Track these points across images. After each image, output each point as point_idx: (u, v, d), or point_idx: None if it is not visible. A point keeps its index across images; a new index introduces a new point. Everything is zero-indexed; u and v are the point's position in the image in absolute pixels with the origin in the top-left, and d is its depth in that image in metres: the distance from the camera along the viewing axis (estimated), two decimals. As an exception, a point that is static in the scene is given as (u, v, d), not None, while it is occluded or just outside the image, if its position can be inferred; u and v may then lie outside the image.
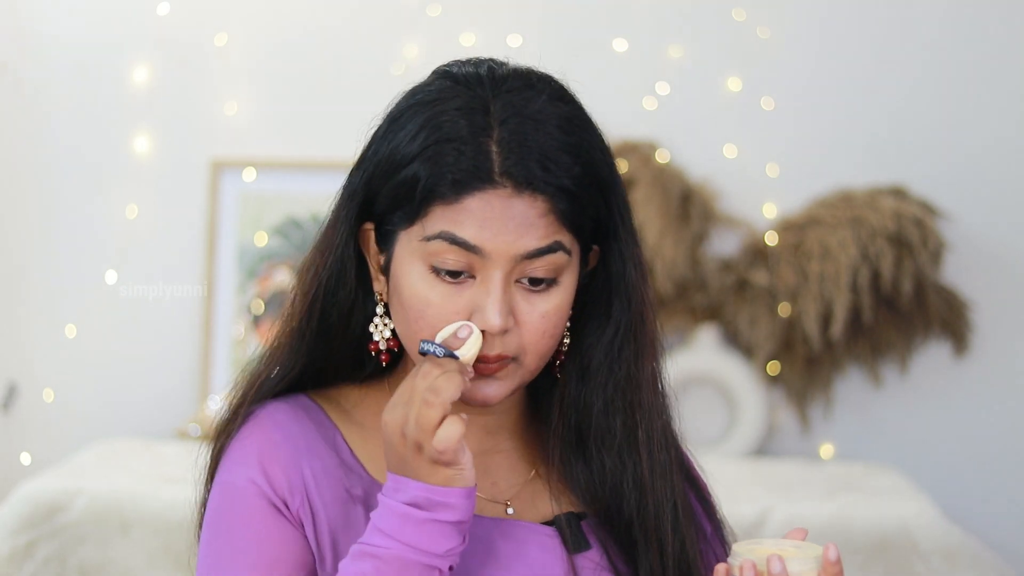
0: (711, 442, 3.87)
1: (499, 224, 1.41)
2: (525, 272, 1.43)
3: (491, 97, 1.44)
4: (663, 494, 1.51)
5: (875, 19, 3.92)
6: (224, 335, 3.94)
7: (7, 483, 3.80)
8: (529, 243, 1.42)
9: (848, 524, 3.24)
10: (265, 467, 1.46)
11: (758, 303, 3.84)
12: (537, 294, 1.44)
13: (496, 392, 1.45)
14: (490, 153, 1.41)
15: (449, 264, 1.42)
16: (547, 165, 1.41)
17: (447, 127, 1.42)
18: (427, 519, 1.36)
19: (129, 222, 3.96)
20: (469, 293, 1.43)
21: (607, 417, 1.51)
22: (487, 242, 1.41)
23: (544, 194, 1.41)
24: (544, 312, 1.44)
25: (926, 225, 3.74)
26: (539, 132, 1.42)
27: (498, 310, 1.41)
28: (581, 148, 1.44)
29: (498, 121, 1.42)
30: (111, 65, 3.97)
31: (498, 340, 1.43)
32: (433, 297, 1.43)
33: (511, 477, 1.54)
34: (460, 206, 1.41)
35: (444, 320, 1.43)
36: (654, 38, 3.95)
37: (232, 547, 1.43)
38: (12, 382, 3.99)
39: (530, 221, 1.41)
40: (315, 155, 3.87)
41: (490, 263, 1.42)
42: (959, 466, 3.91)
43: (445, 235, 1.41)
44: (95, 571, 3.21)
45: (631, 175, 3.83)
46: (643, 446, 1.51)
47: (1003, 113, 3.92)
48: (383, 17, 3.97)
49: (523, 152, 1.41)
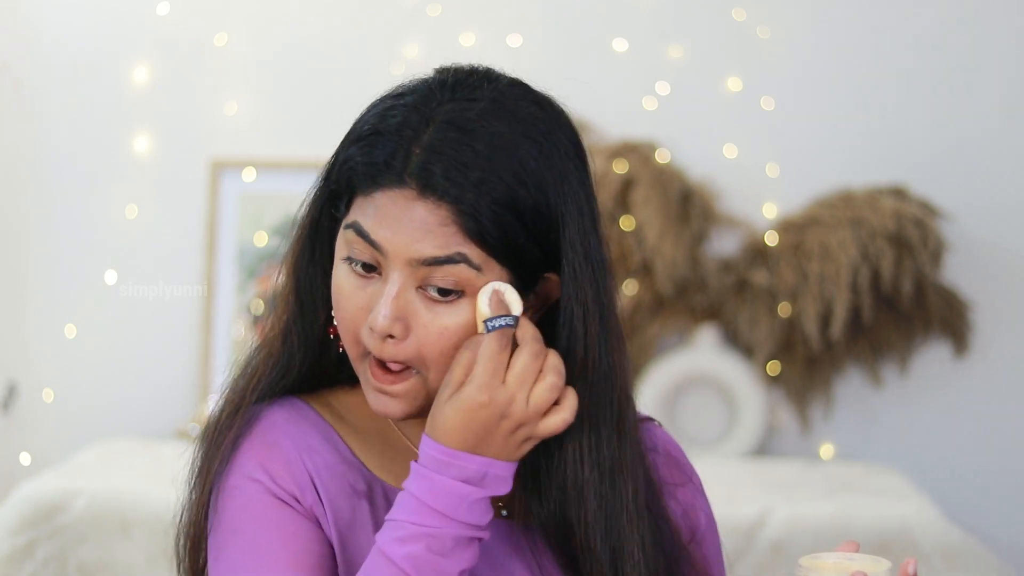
0: (711, 442, 3.87)
1: (398, 224, 1.39)
2: (428, 280, 1.40)
3: (443, 101, 1.42)
4: (633, 485, 1.46)
5: (875, 19, 3.92)
6: (224, 335, 3.94)
7: (7, 483, 3.80)
8: (425, 249, 1.39)
9: (848, 524, 3.24)
10: (269, 468, 1.45)
11: (758, 303, 3.84)
12: (442, 305, 1.40)
13: (397, 408, 1.43)
14: (410, 154, 1.39)
15: (358, 255, 1.41)
16: (452, 175, 1.38)
17: (388, 120, 1.42)
18: (482, 496, 1.37)
19: (129, 222, 3.96)
20: (372, 289, 1.42)
21: (585, 411, 1.45)
22: (386, 240, 1.39)
23: (445, 203, 1.38)
24: (446, 325, 1.40)
25: (926, 225, 3.74)
26: (461, 143, 1.39)
27: (385, 311, 1.39)
28: (499, 169, 1.39)
29: (434, 126, 1.40)
30: (111, 65, 3.97)
31: (389, 346, 1.41)
32: (345, 286, 1.42)
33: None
34: (371, 200, 1.40)
35: (351, 311, 1.42)
36: (654, 38, 3.95)
37: (254, 547, 1.42)
38: (12, 382, 3.99)
39: (429, 227, 1.39)
40: (315, 155, 3.84)
41: (390, 263, 1.40)
42: (959, 466, 3.91)
43: (355, 225, 1.41)
44: (95, 571, 3.21)
45: (631, 175, 3.83)
46: (614, 438, 1.46)
47: (1003, 113, 3.92)
48: (383, 17, 3.97)
49: (436, 158, 1.39)
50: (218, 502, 1.46)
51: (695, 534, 1.57)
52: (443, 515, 1.36)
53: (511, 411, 1.36)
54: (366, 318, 1.42)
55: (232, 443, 1.47)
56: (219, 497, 1.46)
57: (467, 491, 1.36)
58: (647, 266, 3.83)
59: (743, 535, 3.22)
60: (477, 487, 1.36)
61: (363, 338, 1.42)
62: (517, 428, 1.37)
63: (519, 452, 1.38)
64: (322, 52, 3.97)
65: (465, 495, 1.36)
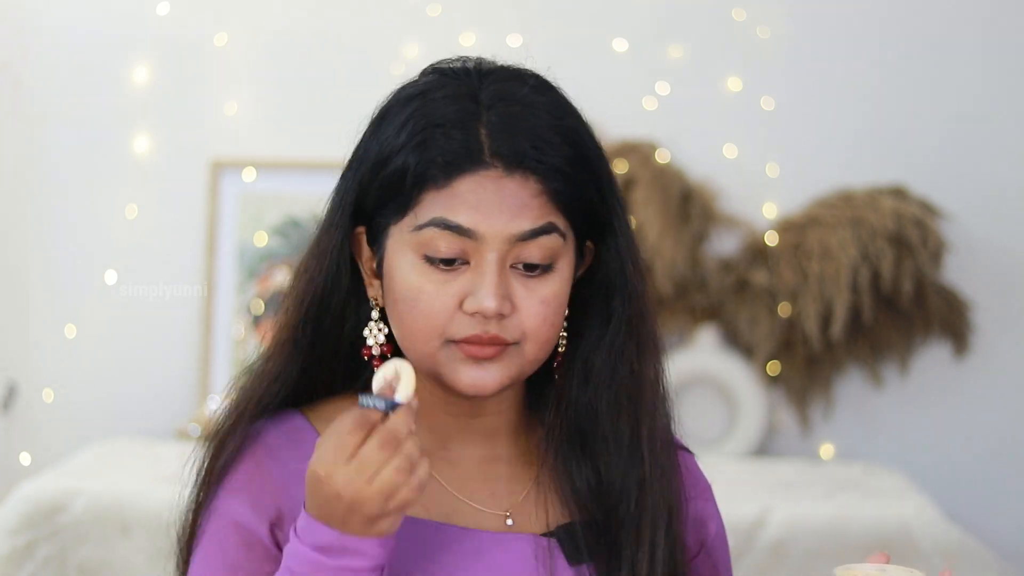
0: (711, 442, 3.87)
1: (491, 206, 1.39)
2: (520, 257, 1.41)
3: (479, 86, 1.43)
4: (661, 496, 1.48)
5: (875, 19, 3.92)
6: (224, 335, 3.94)
7: (7, 483, 3.80)
8: (523, 224, 1.40)
9: (848, 524, 3.24)
10: (253, 494, 1.45)
11: (758, 303, 3.84)
12: (534, 279, 1.42)
13: (492, 379, 1.43)
14: (479, 136, 1.40)
15: (442, 251, 1.40)
16: (537, 144, 1.41)
17: (435, 114, 1.41)
18: (340, 567, 1.33)
19: (129, 222, 3.96)
20: (462, 280, 1.41)
21: (612, 419, 1.49)
22: (480, 224, 1.39)
23: (536, 174, 1.40)
24: (543, 298, 1.42)
25: (926, 225, 3.74)
26: (528, 114, 1.42)
27: (493, 292, 1.40)
28: (571, 131, 1.43)
29: (486, 107, 1.42)
30: (111, 65, 3.97)
31: (494, 324, 1.41)
32: (426, 286, 1.41)
33: (511, 486, 1.51)
34: (451, 190, 1.40)
35: (437, 309, 1.41)
36: (654, 38, 3.95)
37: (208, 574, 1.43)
38: (12, 382, 3.99)
39: (522, 202, 1.40)
40: (315, 155, 3.86)
41: (484, 247, 1.40)
42: (959, 466, 3.91)
43: (437, 221, 1.40)
44: (95, 571, 3.21)
45: (631, 175, 3.83)
46: (647, 447, 1.49)
47: (1003, 113, 3.91)
48: (383, 17, 3.97)
49: (513, 132, 1.40)
50: (202, 517, 1.47)
51: (704, 544, 1.57)
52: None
53: (346, 493, 1.32)
54: (454, 313, 1.41)
55: (231, 458, 1.47)
56: (204, 513, 1.47)
57: (320, 561, 1.33)
58: (647, 266, 3.82)
59: (743, 535, 3.22)
60: (334, 558, 1.33)
61: (452, 328, 1.42)
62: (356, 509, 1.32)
63: (375, 529, 1.33)
64: (322, 52, 3.97)
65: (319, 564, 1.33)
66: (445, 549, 1.45)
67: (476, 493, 1.49)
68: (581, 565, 1.47)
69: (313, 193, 3.79)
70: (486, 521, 1.48)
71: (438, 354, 1.43)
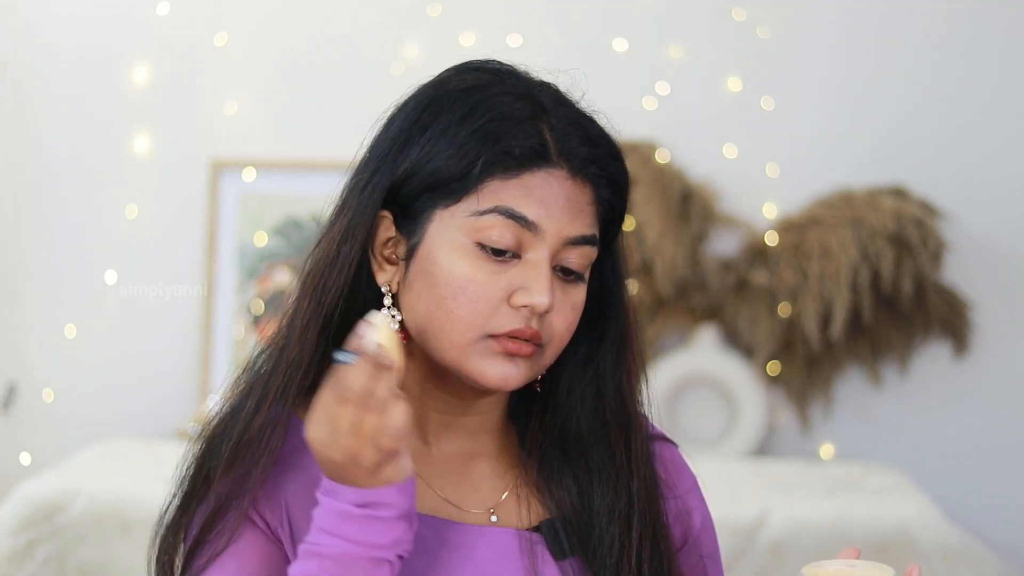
0: (711, 442, 3.87)
1: (556, 204, 1.42)
2: (562, 260, 1.44)
3: (533, 85, 1.46)
4: (645, 497, 1.50)
5: (875, 19, 3.92)
6: (224, 335, 3.94)
7: (7, 483, 3.80)
8: (578, 228, 1.43)
9: (848, 524, 3.24)
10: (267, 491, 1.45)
11: (758, 303, 3.84)
12: (569, 284, 1.45)
13: (519, 375, 1.43)
14: (544, 134, 1.43)
15: (497, 240, 1.41)
16: (596, 154, 1.45)
17: (501, 108, 1.43)
18: (366, 516, 1.34)
19: (129, 222, 3.96)
20: (512, 273, 1.42)
21: (595, 427, 1.51)
22: (543, 219, 1.41)
23: (592, 183, 1.44)
24: (574, 304, 1.45)
25: (926, 225, 3.74)
26: (587, 123, 1.46)
27: (547, 288, 1.41)
28: (617, 147, 1.48)
29: (548, 109, 1.44)
30: (111, 65, 3.97)
31: (537, 320, 1.42)
32: (478, 275, 1.41)
33: (494, 482, 1.52)
34: (520, 181, 1.42)
35: (485, 299, 1.41)
36: (654, 38, 3.95)
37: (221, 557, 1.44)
38: (12, 382, 3.99)
39: (580, 207, 1.43)
40: (315, 155, 3.87)
41: (540, 242, 1.42)
42: (959, 466, 3.91)
43: (502, 209, 1.41)
44: (95, 571, 3.21)
45: (631, 175, 3.82)
46: (634, 456, 1.51)
47: (1003, 113, 3.92)
48: (383, 17, 3.97)
49: (578, 138, 1.44)
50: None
51: (689, 536, 1.57)
52: (329, 533, 1.35)
53: (336, 452, 1.34)
54: (499, 305, 1.41)
55: (266, 440, 1.46)
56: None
57: (349, 510, 1.35)
58: (647, 266, 3.83)
59: (743, 535, 3.22)
60: (362, 509, 1.35)
61: (495, 321, 1.42)
62: (353, 463, 1.34)
63: (382, 477, 1.35)
64: (322, 52, 3.97)
65: (346, 513, 1.35)
66: (431, 540, 1.46)
67: (460, 489, 1.50)
68: (565, 560, 1.47)
69: (313, 193, 3.79)
70: (470, 516, 1.49)
71: (472, 346, 1.43)
